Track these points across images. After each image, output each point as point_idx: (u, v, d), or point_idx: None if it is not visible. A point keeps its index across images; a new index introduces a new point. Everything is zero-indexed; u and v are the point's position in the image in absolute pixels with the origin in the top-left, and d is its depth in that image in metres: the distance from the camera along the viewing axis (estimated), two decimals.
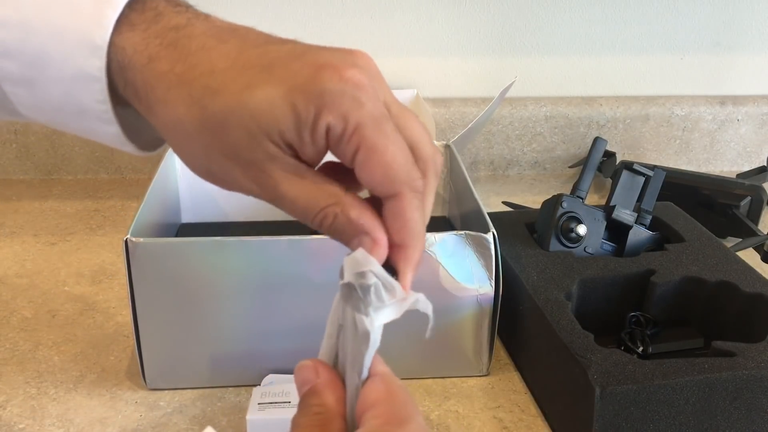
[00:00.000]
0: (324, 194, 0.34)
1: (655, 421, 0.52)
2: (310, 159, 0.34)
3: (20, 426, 0.57)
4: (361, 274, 0.32)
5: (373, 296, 0.32)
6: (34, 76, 0.34)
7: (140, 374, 0.60)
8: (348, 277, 0.33)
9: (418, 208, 0.34)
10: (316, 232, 0.36)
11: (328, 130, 0.32)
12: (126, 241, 0.55)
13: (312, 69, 0.32)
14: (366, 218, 0.34)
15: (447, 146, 0.78)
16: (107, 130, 0.36)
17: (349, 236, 0.34)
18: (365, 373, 0.33)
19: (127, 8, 0.34)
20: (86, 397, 0.60)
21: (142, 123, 0.37)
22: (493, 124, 1.02)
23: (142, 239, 0.56)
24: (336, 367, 0.35)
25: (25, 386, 0.61)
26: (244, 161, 0.33)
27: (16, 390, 0.61)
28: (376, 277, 0.32)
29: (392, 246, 0.34)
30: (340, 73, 0.32)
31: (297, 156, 0.34)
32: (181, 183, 0.78)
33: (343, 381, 0.34)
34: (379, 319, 0.33)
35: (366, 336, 0.32)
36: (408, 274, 0.35)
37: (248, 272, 0.58)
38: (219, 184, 0.36)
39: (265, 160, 0.33)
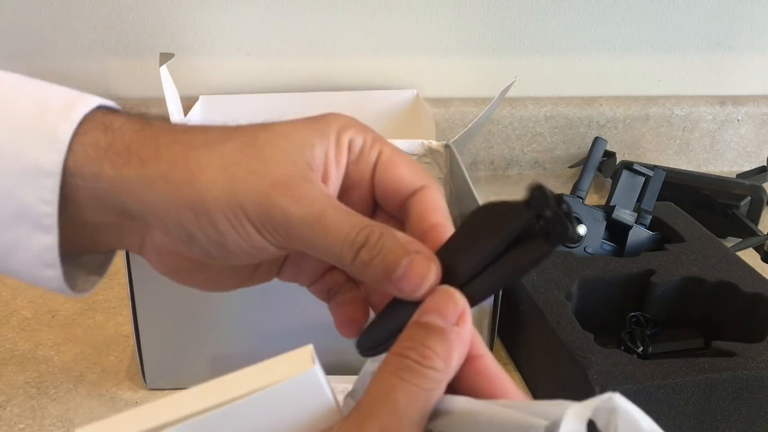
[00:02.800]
0: (366, 219, 0.32)
1: (655, 421, 0.52)
2: (333, 192, 0.34)
3: (20, 426, 0.57)
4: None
5: None
6: None
7: (140, 374, 0.60)
8: None
9: (443, 198, 0.35)
10: None
11: (350, 144, 0.34)
12: None
13: (319, 118, 0.34)
14: (415, 241, 0.32)
15: (447, 146, 0.78)
16: (40, 241, 0.33)
17: (396, 256, 0.30)
18: None
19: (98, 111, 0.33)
20: (86, 397, 0.60)
21: (83, 243, 0.35)
22: (493, 124, 1.02)
23: None
24: None
25: (25, 386, 0.61)
26: (276, 181, 0.31)
27: (16, 390, 0.61)
28: None
29: (429, 229, 0.33)
30: (341, 114, 0.34)
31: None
32: None
33: None
34: None
35: None
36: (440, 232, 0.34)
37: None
38: (221, 256, 0.33)
39: (302, 179, 0.32)
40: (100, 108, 0.34)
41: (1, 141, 0.32)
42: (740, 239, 0.84)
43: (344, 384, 0.60)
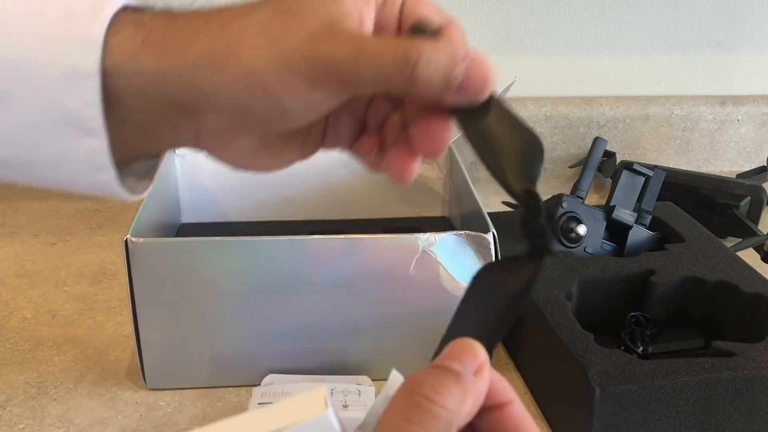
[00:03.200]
0: (410, 41, 0.31)
1: (655, 421, 0.52)
2: (366, 32, 0.34)
3: (20, 426, 0.57)
4: None
5: None
6: (12, 87, 0.32)
7: (140, 374, 0.60)
8: None
9: (462, 35, 0.35)
10: (315, 232, 0.36)
11: None
12: (126, 241, 0.55)
13: None
14: (455, 44, 0.32)
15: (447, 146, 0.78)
16: (89, 146, 0.33)
17: (452, 62, 0.30)
18: None
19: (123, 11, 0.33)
20: (86, 397, 0.60)
21: (138, 146, 0.35)
22: None
23: (142, 239, 0.56)
24: None
25: (25, 386, 0.61)
26: (313, 31, 0.31)
27: (16, 390, 0.61)
28: None
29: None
30: None
31: None
32: (181, 183, 0.78)
33: None
34: None
35: None
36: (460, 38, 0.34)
37: (248, 272, 0.58)
38: (285, 92, 0.32)
39: (336, 23, 0.31)
40: (126, 8, 0.34)
41: (36, 50, 0.32)
42: (740, 239, 0.84)
43: (344, 384, 0.60)
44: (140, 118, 0.33)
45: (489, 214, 0.62)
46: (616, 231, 0.71)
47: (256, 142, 0.35)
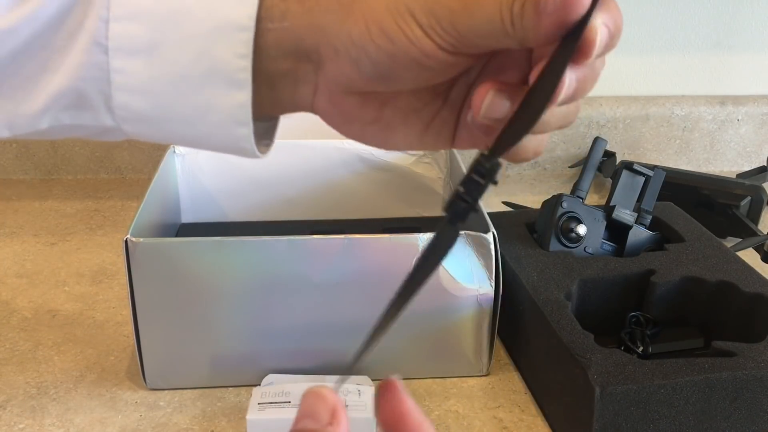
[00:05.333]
0: None
1: (655, 421, 0.52)
2: None
3: (20, 426, 0.57)
4: None
5: None
6: (161, 39, 0.32)
7: (140, 374, 0.60)
8: None
9: None
10: (315, 232, 0.36)
11: None
12: (126, 241, 0.55)
13: None
14: None
15: None
16: (234, 98, 0.33)
17: None
18: None
19: None
20: (86, 397, 0.60)
21: (264, 101, 0.35)
22: None
23: (142, 239, 0.56)
24: None
25: (25, 386, 0.61)
26: None
27: (16, 390, 0.61)
28: None
29: None
30: None
31: None
32: (181, 183, 0.78)
33: None
34: None
35: None
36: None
37: (248, 272, 0.58)
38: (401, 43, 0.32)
39: None
40: None
41: (187, 1, 0.32)
42: (740, 239, 0.84)
43: (344, 384, 0.60)
44: (271, 69, 0.34)
45: (489, 214, 0.62)
46: (616, 231, 0.71)
47: (370, 109, 0.35)
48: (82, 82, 0.33)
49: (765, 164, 1.02)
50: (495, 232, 0.59)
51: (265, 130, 0.38)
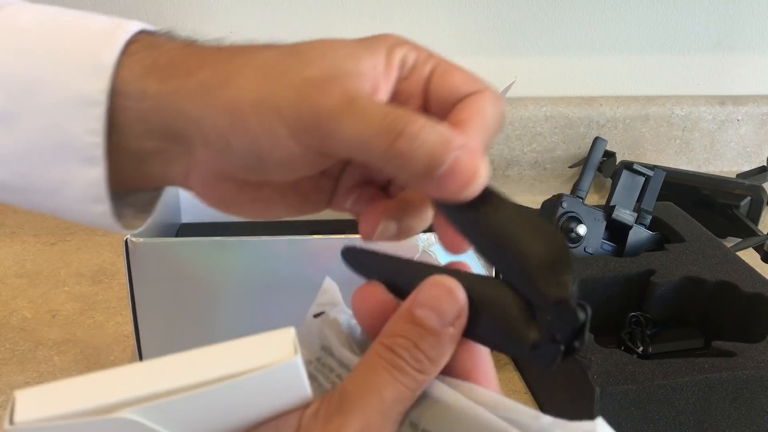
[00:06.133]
0: (407, 112, 0.28)
1: (655, 421, 0.52)
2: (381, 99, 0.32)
3: None
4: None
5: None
6: (18, 109, 0.31)
7: None
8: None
9: (495, 110, 0.31)
10: (315, 232, 0.36)
11: (402, 60, 0.32)
12: (126, 241, 0.55)
13: (371, 37, 0.32)
14: (459, 131, 0.28)
15: None
16: (88, 175, 0.32)
17: (441, 148, 0.27)
18: None
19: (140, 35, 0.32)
20: None
21: (130, 177, 0.33)
22: None
23: (142, 239, 0.56)
24: None
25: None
26: (310, 78, 0.29)
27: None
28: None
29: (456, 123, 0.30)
30: (393, 35, 0.32)
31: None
32: None
33: None
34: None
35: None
36: (474, 125, 0.30)
37: (248, 272, 0.58)
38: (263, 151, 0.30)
39: (338, 76, 0.29)
40: (144, 32, 0.33)
41: (44, 71, 0.31)
42: (740, 239, 0.84)
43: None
44: (135, 146, 0.32)
45: None
46: (616, 231, 0.71)
47: (246, 192, 0.34)
48: None
49: (765, 164, 1.02)
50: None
51: (148, 201, 0.37)
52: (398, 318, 0.28)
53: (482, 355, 0.30)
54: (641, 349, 0.61)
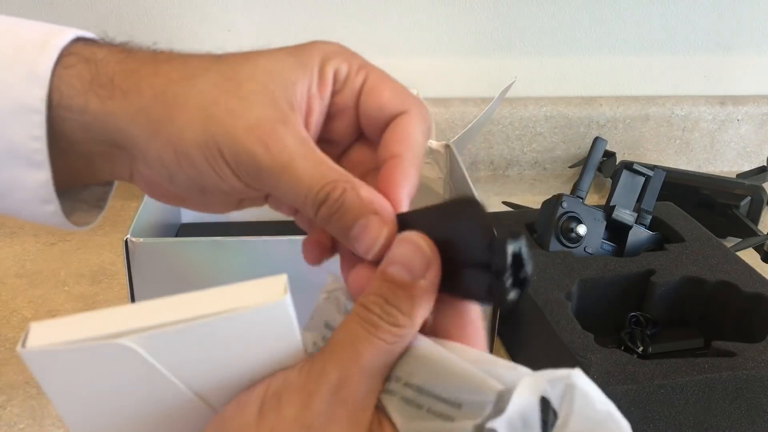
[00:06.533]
0: (333, 170, 0.32)
1: (655, 421, 0.52)
2: (314, 126, 0.34)
3: (20, 426, 0.57)
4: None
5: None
6: None
7: None
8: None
9: (422, 130, 0.34)
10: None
11: (335, 74, 0.34)
12: (126, 241, 0.55)
13: (303, 48, 0.34)
14: (377, 197, 0.32)
15: (447, 146, 0.78)
16: (34, 178, 0.33)
17: (354, 215, 0.31)
18: None
19: (75, 43, 0.33)
20: None
21: (79, 175, 0.35)
22: (493, 124, 1.02)
23: (142, 239, 0.56)
24: None
25: (25, 386, 0.61)
26: (252, 125, 0.31)
27: (16, 390, 0.61)
28: None
29: (388, 159, 0.33)
30: (327, 42, 0.34)
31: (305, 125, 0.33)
32: None
33: None
34: None
35: None
36: (401, 184, 0.33)
37: (248, 272, 0.57)
38: (196, 187, 0.33)
39: (278, 122, 0.31)
40: (80, 39, 0.34)
41: None
42: (740, 239, 0.84)
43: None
44: (81, 150, 0.33)
45: None
46: (616, 231, 0.71)
47: (189, 194, 0.35)
48: None
49: (765, 164, 1.02)
50: (495, 232, 0.59)
51: (100, 196, 0.38)
52: (374, 278, 0.29)
53: (471, 318, 0.30)
54: (641, 349, 0.61)
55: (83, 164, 0.35)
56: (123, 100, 0.32)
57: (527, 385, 0.25)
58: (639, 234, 0.71)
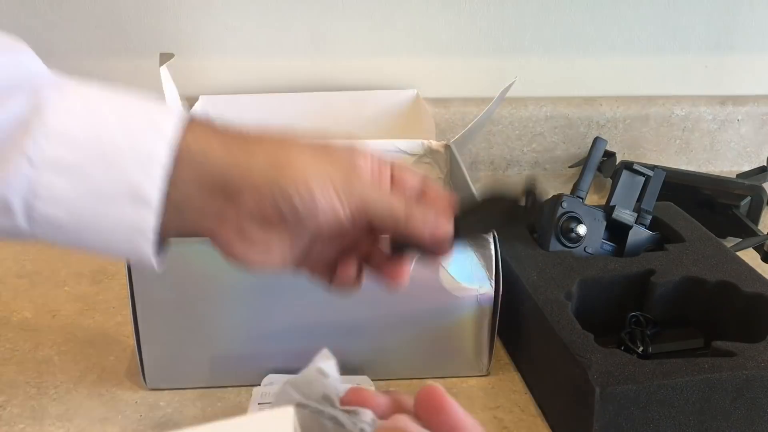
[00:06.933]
0: (410, 202, 0.43)
1: (655, 421, 0.52)
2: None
3: (20, 426, 0.57)
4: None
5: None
6: (87, 162, 0.37)
7: (140, 374, 0.60)
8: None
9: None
10: None
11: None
12: None
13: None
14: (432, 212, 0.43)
15: (447, 146, 0.78)
16: (140, 214, 0.38)
17: (432, 226, 0.42)
18: None
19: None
20: (86, 397, 0.60)
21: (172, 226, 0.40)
22: (493, 124, 1.02)
23: None
24: None
25: (25, 386, 0.61)
26: (358, 175, 0.42)
27: (16, 390, 0.61)
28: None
29: None
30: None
31: None
32: None
33: None
34: None
35: None
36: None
37: (248, 272, 0.58)
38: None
39: (357, 171, 0.42)
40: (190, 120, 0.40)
41: (120, 139, 0.38)
42: (740, 239, 0.84)
43: (344, 384, 0.60)
44: (180, 199, 0.39)
45: None
46: (616, 231, 0.71)
47: (271, 238, 0.42)
48: (8, 190, 0.37)
49: (765, 164, 1.01)
50: (495, 232, 0.59)
51: (165, 247, 0.43)
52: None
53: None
54: (641, 349, 0.61)
55: (175, 215, 0.40)
56: (246, 155, 0.40)
57: None
58: (639, 234, 0.71)
